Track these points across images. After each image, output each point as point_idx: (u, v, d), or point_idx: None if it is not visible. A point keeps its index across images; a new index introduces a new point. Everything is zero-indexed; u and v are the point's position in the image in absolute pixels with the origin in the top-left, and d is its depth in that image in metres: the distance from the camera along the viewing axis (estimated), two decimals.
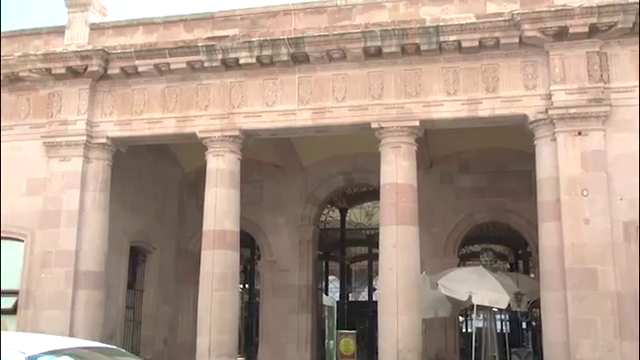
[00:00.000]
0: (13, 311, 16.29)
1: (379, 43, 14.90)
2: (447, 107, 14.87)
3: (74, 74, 16.80)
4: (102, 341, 13.00)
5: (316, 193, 21.78)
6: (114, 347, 6.51)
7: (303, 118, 15.64)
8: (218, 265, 15.47)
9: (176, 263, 21.54)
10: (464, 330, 27.23)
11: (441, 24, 14.59)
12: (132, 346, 18.72)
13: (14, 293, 16.49)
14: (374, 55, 15.16)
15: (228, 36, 15.90)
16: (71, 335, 14.72)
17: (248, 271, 24.72)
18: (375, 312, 15.76)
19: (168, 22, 16.93)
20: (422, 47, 14.77)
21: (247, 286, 25.02)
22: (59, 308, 15.87)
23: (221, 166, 15.96)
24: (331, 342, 20.81)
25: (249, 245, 22.76)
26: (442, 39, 14.63)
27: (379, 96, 15.21)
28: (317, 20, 15.75)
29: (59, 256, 16.12)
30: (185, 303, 21.07)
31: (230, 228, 15.80)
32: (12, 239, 16.91)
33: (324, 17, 15.79)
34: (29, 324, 15.75)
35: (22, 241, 16.72)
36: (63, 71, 16.78)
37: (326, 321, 21.40)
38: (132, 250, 19.38)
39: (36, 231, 16.51)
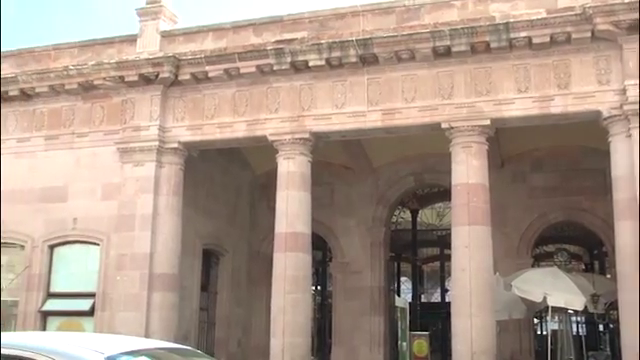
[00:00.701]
0: (90, 313, 16.75)
1: (448, 42, 14.75)
2: (518, 105, 14.62)
3: (146, 81, 17.13)
4: (176, 342, 13.15)
5: (387, 194, 21.67)
6: (190, 348, 6.58)
7: (373, 119, 15.59)
8: (290, 267, 15.54)
9: (248, 265, 21.71)
10: (539, 332, 26.69)
11: (511, 20, 14.36)
12: (206, 347, 18.92)
13: (91, 295, 16.96)
14: (443, 54, 15.02)
15: (297, 39, 15.97)
16: (146, 336, 14.97)
17: (320, 273, 24.70)
18: (448, 314, 15.59)
19: (237, 27, 17.09)
20: (492, 45, 14.57)
21: (319, 288, 25.01)
22: (134, 310, 16.20)
23: (292, 169, 16.03)
24: (404, 344, 20.68)
25: (321, 247, 22.76)
26: (512, 36, 14.40)
27: (449, 96, 15.05)
28: (385, 21, 15.68)
29: (134, 259, 16.47)
30: (258, 305, 21.22)
31: (302, 230, 15.85)
32: (88, 243, 17.43)
33: (392, 18, 15.71)
34: (106, 325, 16.13)
35: (98, 245, 17.17)
36: (136, 78, 17.13)
37: (399, 323, 21.26)
38: (205, 253, 19.61)
39: (111, 235, 16.91)
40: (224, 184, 20.50)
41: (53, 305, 17.34)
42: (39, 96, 18.42)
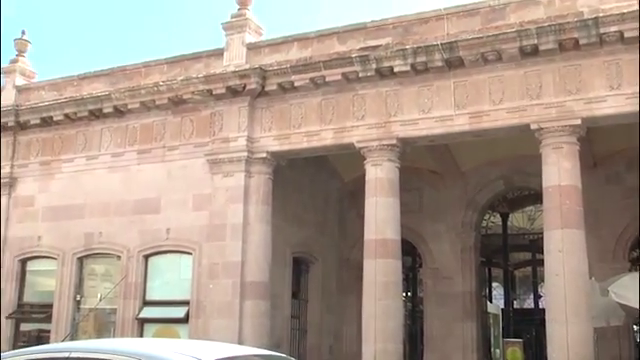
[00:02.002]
0: (185, 320, 17.16)
1: (535, 41, 14.47)
2: (610, 102, 14.18)
3: (234, 93, 17.43)
4: (269, 349, 13.29)
5: (476, 198, 21.37)
6: (284, 355, 6.62)
7: (460, 123, 15.43)
8: (380, 274, 15.50)
9: (338, 273, 21.76)
10: (639, 340, 25.76)
11: (600, 15, 13.96)
12: (299, 355, 19.06)
13: (185, 303, 17.36)
14: (530, 54, 14.74)
15: (381, 45, 15.97)
16: (239, 343, 15.13)
17: (410, 279, 24.56)
18: (542, 320, 15.24)
19: (321, 35, 17.21)
20: (581, 41, 14.20)
21: (410, 294, 24.85)
22: (227, 317, 16.46)
23: (380, 175, 16.01)
24: (497, 351, 20.33)
25: (410, 253, 22.61)
26: (602, 31, 13.98)
27: (537, 96, 14.74)
28: (470, 23, 15.52)
29: (225, 267, 16.76)
30: (349, 312, 21.23)
31: (391, 237, 15.80)
32: (181, 252, 17.89)
33: (477, 19, 15.53)
34: (200, 332, 16.44)
35: (190, 254, 17.59)
36: (223, 91, 17.45)
37: (491, 329, 20.91)
38: (295, 261, 19.78)
39: (203, 244, 17.27)
40: (313, 192, 20.63)
41: (149, 313, 17.84)
42: (131, 112, 19.01)
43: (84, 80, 20.45)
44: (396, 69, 15.75)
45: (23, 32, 22.58)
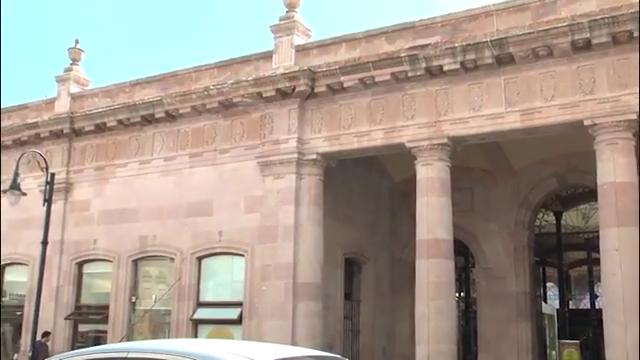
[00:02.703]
0: (238, 321, 17.31)
1: (588, 35, 14.21)
2: None
3: (283, 95, 17.51)
4: (322, 350, 13.31)
5: (529, 197, 21.10)
6: (337, 356, 6.59)
7: (511, 121, 15.25)
8: (433, 274, 15.41)
9: (390, 273, 21.70)
10: None
11: None
12: (352, 356, 19.04)
13: (238, 304, 17.52)
14: (583, 48, 14.49)
15: (430, 44, 15.89)
16: (293, 344, 15.21)
17: (463, 279, 24.35)
18: (599, 321, 14.98)
19: (370, 36, 17.18)
20: (635, 34, 13.90)
21: (463, 294, 24.64)
22: (280, 318, 16.55)
23: (431, 175, 15.92)
24: (553, 352, 20.08)
25: (463, 253, 22.41)
26: None
27: (590, 91, 14.48)
28: (520, 18, 15.33)
29: (278, 269, 16.85)
30: (401, 312, 21.13)
31: (443, 236, 15.70)
32: (233, 254, 18.06)
33: (527, 14, 15.33)
34: (254, 333, 16.60)
35: (243, 256, 17.74)
36: (273, 93, 17.55)
37: (546, 330, 20.65)
38: (347, 261, 19.79)
39: (255, 246, 17.41)
40: (363, 193, 20.60)
41: (203, 314, 18.04)
42: (183, 116, 19.25)
43: (136, 86, 20.78)
44: (445, 67, 15.65)
45: (77, 41, 23.05)
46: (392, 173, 21.70)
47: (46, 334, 18.92)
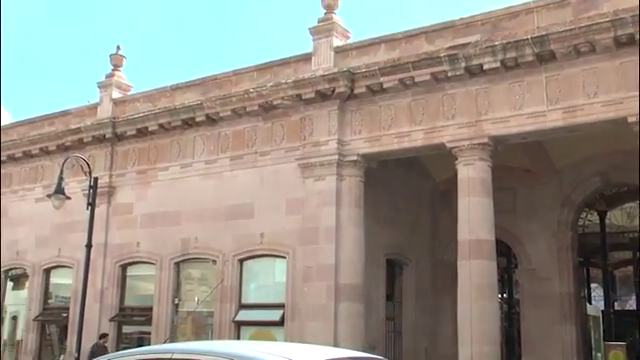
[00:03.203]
0: (280, 323, 17.38)
1: (631, 30, 13.96)
2: None
3: (323, 97, 17.53)
4: (364, 352, 13.29)
5: (572, 196, 20.82)
6: (380, 357, 6.57)
7: (553, 119, 15.05)
8: (475, 275, 15.30)
9: (432, 274, 21.59)
10: None
11: None
12: (394, 357, 19.00)
13: (279, 306, 17.58)
14: (626, 44, 14.22)
15: (470, 43, 15.77)
16: (335, 345, 15.21)
17: (506, 280, 24.13)
18: None
19: (409, 36, 17.12)
20: None
21: (505, 296, 24.41)
22: (322, 320, 16.56)
23: (472, 175, 15.80)
24: (598, 354, 19.79)
25: (505, 254, 22.22)
26: None
27: (635, 87, 14.19)
28: (560, 14, 15.13)
29: (319, 270, 16.87)
30: (444, 313, 20.98)
31: (485, 237, 15.57)
32: (275, 256, 18.13)
33: (568, 10, 15.13)
34: (296, 335, 16.62)
35: (284, 257, 17.80)
36: (313, 95, 17.58)
37: (591, 332, 20.34)
38: (388, 263, 19.75)
39: (297, 248, 17.45)
40: (404, 194, 20.51)
41: (245, 315, 18.14)
42: (223, 120, 19.39)
43: (177, 90, 20.98)
44: (486, 66, 15.52)
45: (118, 47, 23.36)
46: (433, 173, 21.59)
47: (104, 336, 19.24)
